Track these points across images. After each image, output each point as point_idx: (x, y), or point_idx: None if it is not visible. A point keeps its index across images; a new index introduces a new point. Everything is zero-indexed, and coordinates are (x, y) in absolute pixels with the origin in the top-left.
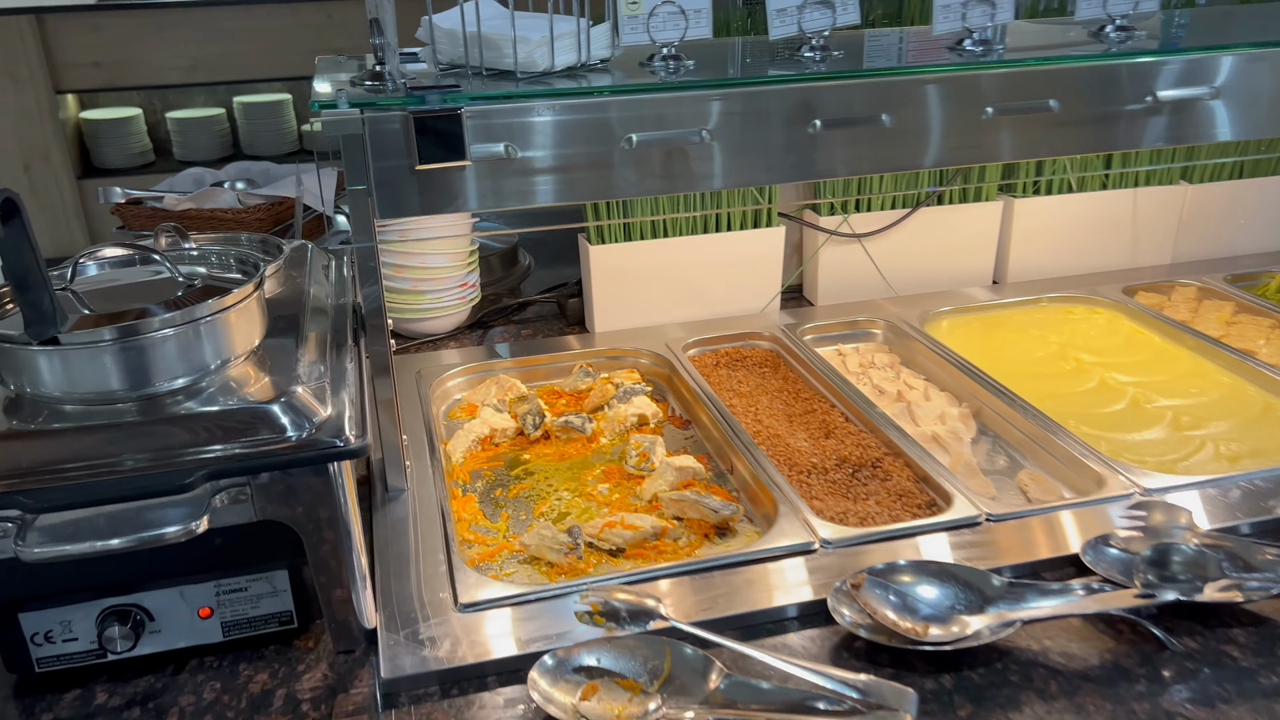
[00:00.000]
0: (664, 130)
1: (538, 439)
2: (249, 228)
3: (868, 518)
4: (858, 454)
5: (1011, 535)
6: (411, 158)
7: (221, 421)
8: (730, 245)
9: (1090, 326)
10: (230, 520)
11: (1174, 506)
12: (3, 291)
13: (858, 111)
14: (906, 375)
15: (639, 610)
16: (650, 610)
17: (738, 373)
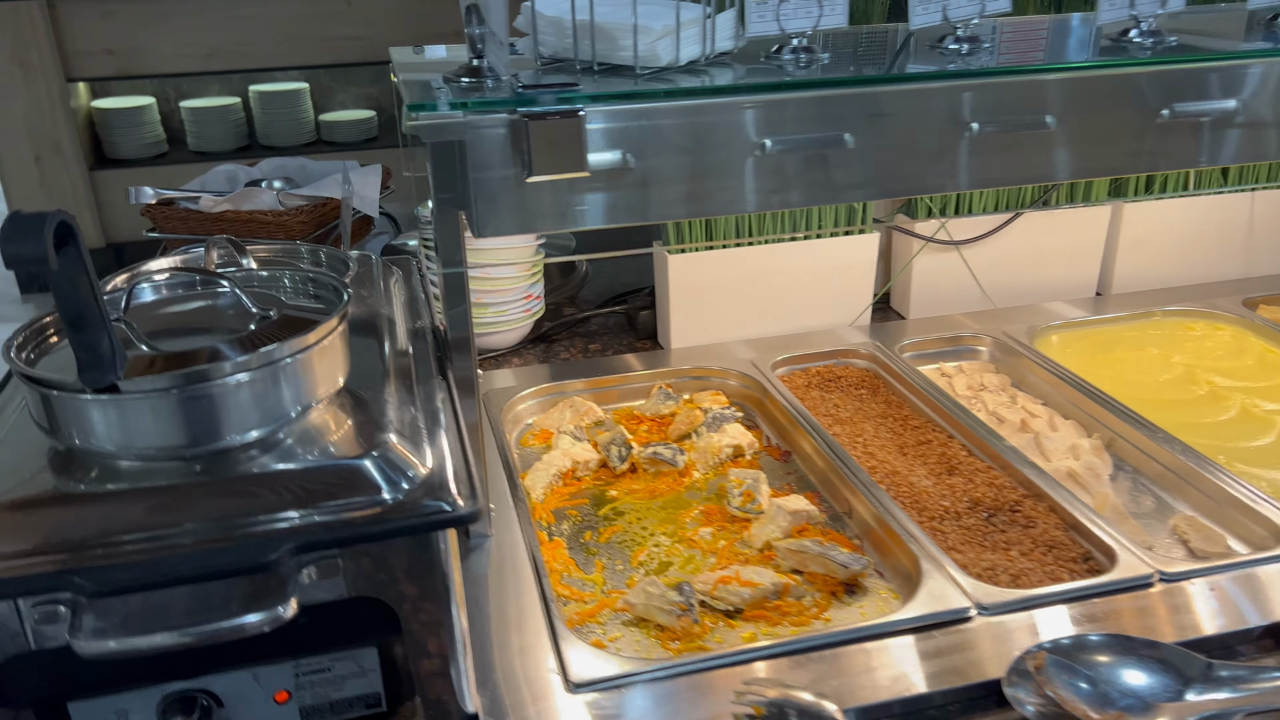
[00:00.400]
0: (803, 134)
1: (624, 472)
2: (292, 231)
3: (1020, 575)
4: (991, 495)
5: (1191, 598)
6: (520, 168)
7: (307, 482)
8: (819, 253)
9: (1215, 344)
10: (316, 598)
11: None
12: (45, 322)
13: (1020, 112)
14: (1024, 400)
15: (812, 713)
16: (827, 716)
17: (833, 395)
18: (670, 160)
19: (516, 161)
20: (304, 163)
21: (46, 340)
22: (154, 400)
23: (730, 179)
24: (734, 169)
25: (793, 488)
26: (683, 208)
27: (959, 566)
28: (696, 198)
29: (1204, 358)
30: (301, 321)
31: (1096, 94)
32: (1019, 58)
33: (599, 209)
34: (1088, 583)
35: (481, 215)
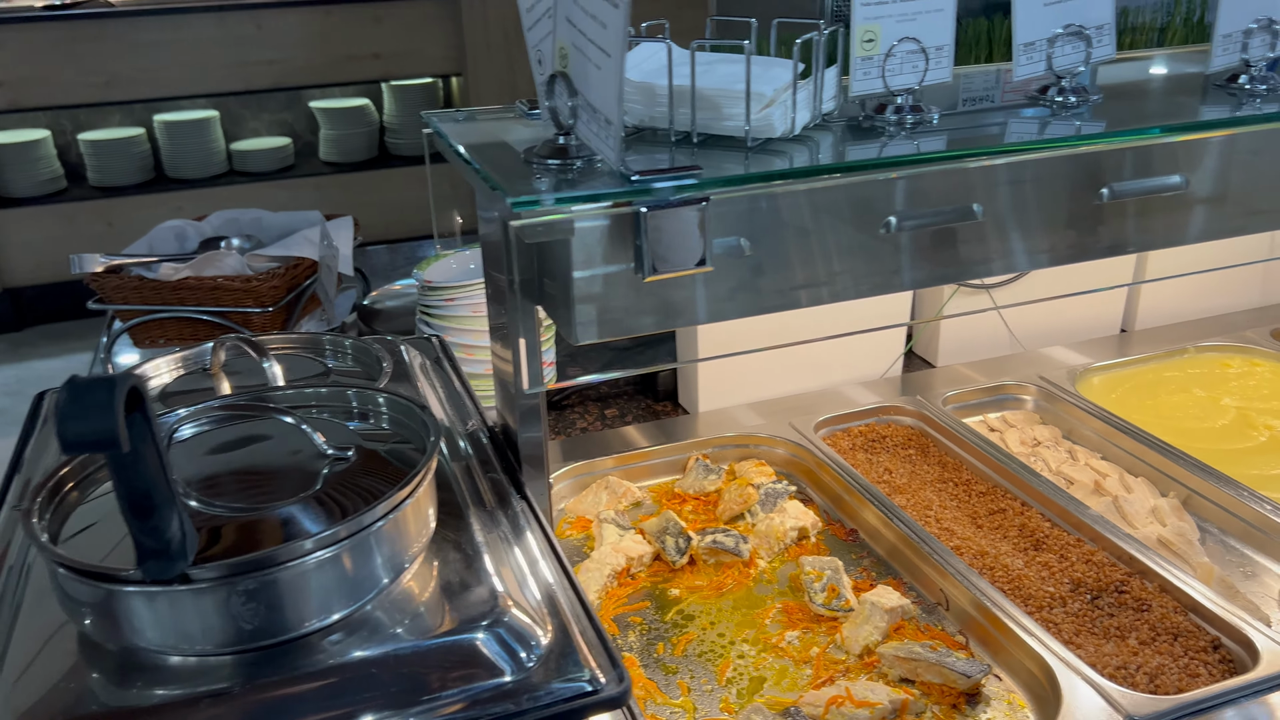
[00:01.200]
0: (931, 208)
1: (683, 566)
2: (263, 298)
3: (1157, 674)
4: (1092, 575)
5: None
6: (633, 264)
7: (418, 666)
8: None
9: (1258, 383)
10: None
11: None
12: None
13: (1152, 174)
14: (1086, 456)
15: None
16: None
17: (880, 457)
18: (788, 244)
19: (626, 258)
20: (259, 215)
21: (65, 499)
22: (233, 587)
23: (851, 261)
24: (855, 250)
25: (870, 574)
26: (800, 295)
27: (1091, 666)
28: (815, 283)
29: (1251, 398)
30: (384, 462)
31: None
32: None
33: (712, 302)
34: (1240, 683)
35: (581, 319)
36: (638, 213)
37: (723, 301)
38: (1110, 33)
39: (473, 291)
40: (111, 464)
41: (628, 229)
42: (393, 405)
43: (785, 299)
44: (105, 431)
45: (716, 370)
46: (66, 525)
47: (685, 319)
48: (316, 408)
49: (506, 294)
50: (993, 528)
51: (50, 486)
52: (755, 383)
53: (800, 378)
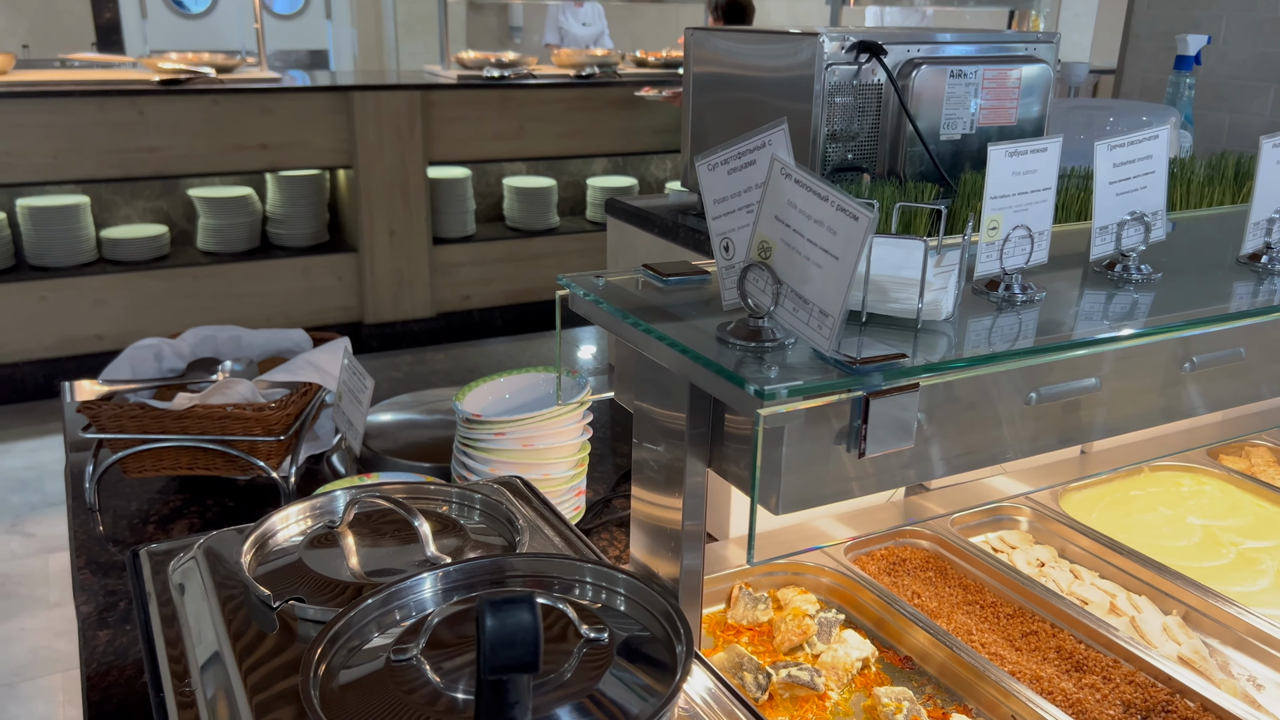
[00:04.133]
0: (1062, 383)
1: (763, 702)
2: (273, 427)
3: None
4: (1139, 696)
5: None
6: (845, 442)
7: None
8: None
9: (1209, 501)
10: None
11: None
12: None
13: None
14: (1089, 577)
15: None
16: None
17: (904, 580)
18: (954, 417)
19: (839, 437)
20: (238, 334)
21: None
22: None
23: (1000, 430)
24: (1004, 420)
25: (935, 700)
26: (959, 461)
27: None
28: (971, 450)
29: (1210, 516)
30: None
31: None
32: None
33: (891, 473)
34: None
35: (787, 492)
36: (863, 399)
37: (898, 470)
38: (1163, 218)
39: (524, 427)
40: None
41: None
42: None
43: (946, 466)
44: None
45: (741, 497)
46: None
47: (861, 490)
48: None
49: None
50: (1030, 649)
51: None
52: None
53: None
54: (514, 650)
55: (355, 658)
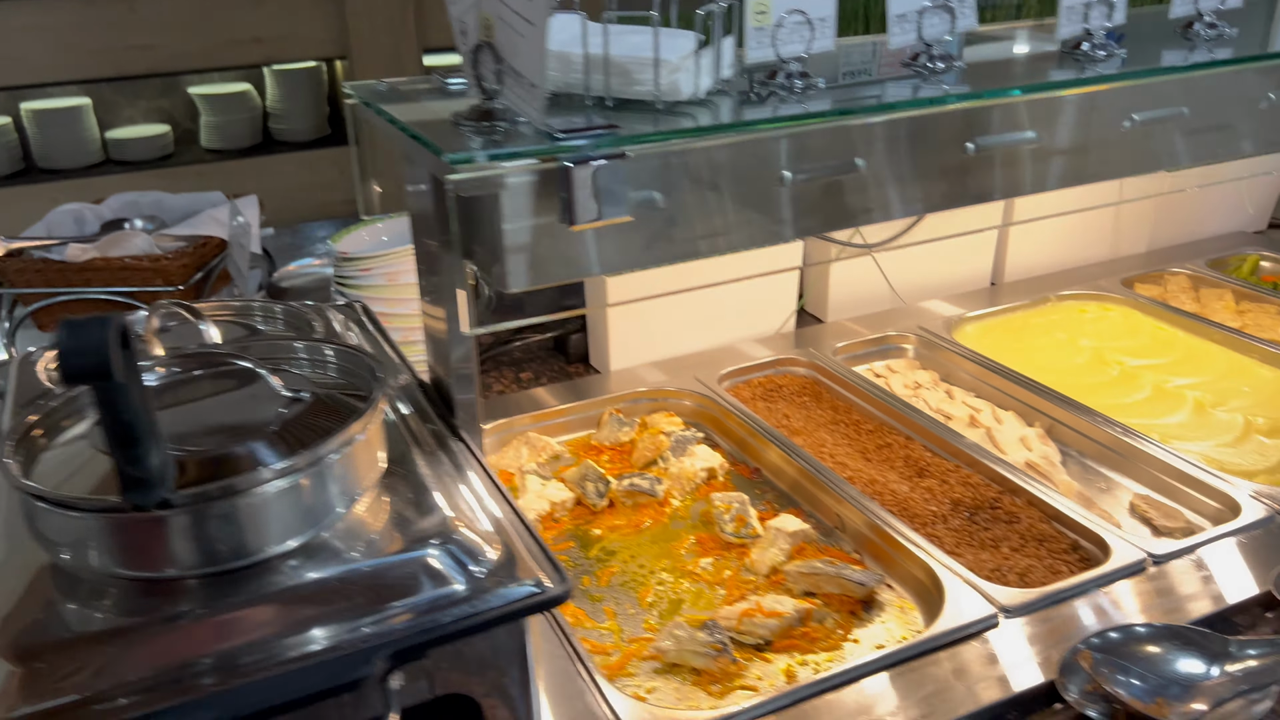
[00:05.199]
0: (820, 162)
1: (603, 509)
2: (172, 277)
3: (1026, 573)
4: (969, 494)
5: (1185, 578)
6: (557, 217)
7: (378, 583)
8: (745, 262)
9: (1110, 325)
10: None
11: None
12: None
13: (1011, 129)
14: (961, 395)
15: None
16: None
17: (779, 405)
18: (697, 197)
19: (552, 210)
20: (160, 197)
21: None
22: (205, 514)
23: (753, 212)
24: (756, 202)
25: (774, 505)
26: (709, 244)
27: (970, 570)
28: (721, 232)
29: (1105, 339)
30: (336, 405)
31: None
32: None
33: (629, 251)
34: (1093, 574)
35: (513, 269)
36: (564, 167)
37: (639, 250)
38: (972, 6)
39: (388, 261)
40: (102, 396)
41: (553, 184)
42: (340, 355)
43: (694, 248)
44: (101, 364)
45: (624, 332)
46: (42, 473)
47: (601, 267)
48: (268, 359)
49: (439, 253)
50: (881, 460)
51: (23, 432)
52: (661, 343)
53: (702, 337)
54: (84, 358)
55: (69, 422)
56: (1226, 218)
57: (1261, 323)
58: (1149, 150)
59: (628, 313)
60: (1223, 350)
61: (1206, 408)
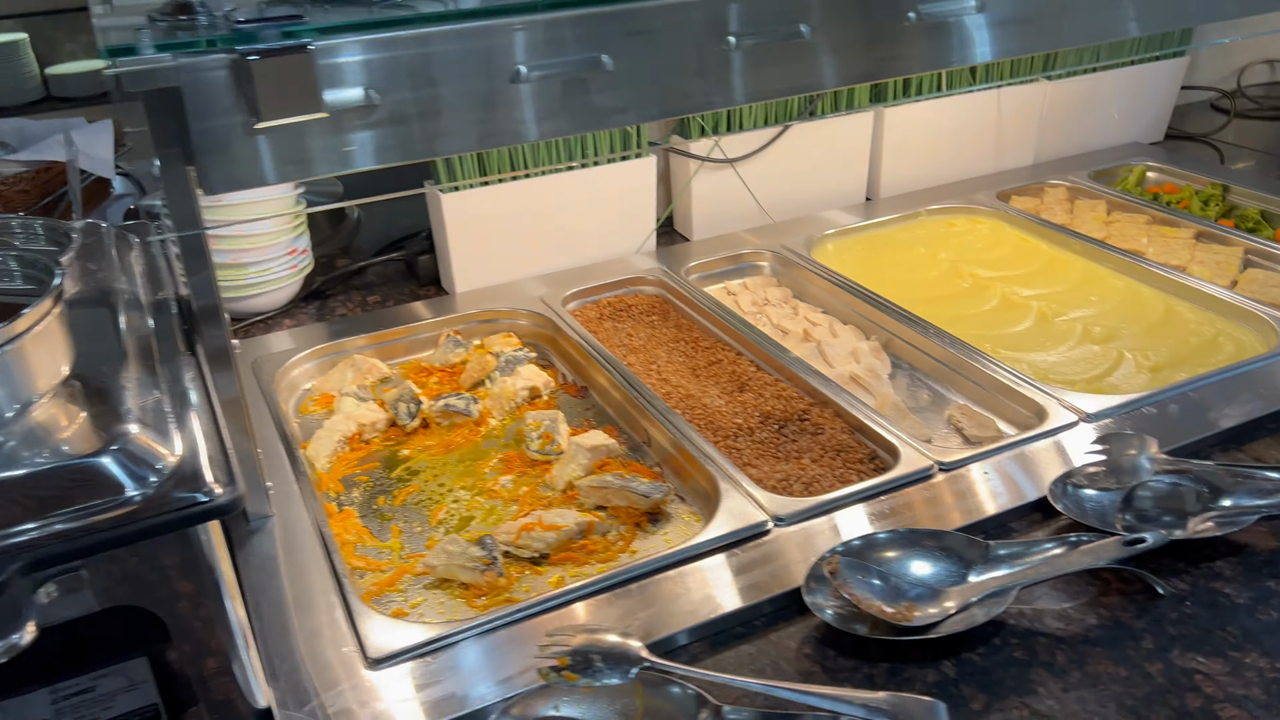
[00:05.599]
0: (560, 58)
1: (415, 430)
2: (11, 203)
3: (812, 482)
4: (781, 407)
5: (969, 484)
6: (248, 113)
7: (35, 489)
8: (599, 181)
9: (975, 238)
10: (62, 615)
11: (1136, 436)
12: None
13: (775, 23)
14: (806, 310)
15: (617, 654)
16: (632, 654)
17: (625, 324)
18: (420, 94)
19: (243, 107)
20: (22, 124)
21: None
22: None
23: (487, 110)
24: (489, 99)
25: (591, 423)
26: (440, 144)
27: (754, 481)
28: (453, 133)
29: (966, 252)
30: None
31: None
32: None
33: (345, 152)
34: (874, 482)
35: (210, 170)
36: (242, 61)
37: (355, 151)
38: None
39: None
40: None
41: (243, 78)
42: (24, 261)
43: (420, 148)
44: None
45: (468, 254)
46: None
47: (313, 168)
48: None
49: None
50: (709, 376)
51: None
52: (513, 264)
53: (558, 258)
54: None
55: None
56: (1121, 129)
57: (1127, 233)
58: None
59: (470, 233)
60: (1081, 261)
61: (1049, 318)
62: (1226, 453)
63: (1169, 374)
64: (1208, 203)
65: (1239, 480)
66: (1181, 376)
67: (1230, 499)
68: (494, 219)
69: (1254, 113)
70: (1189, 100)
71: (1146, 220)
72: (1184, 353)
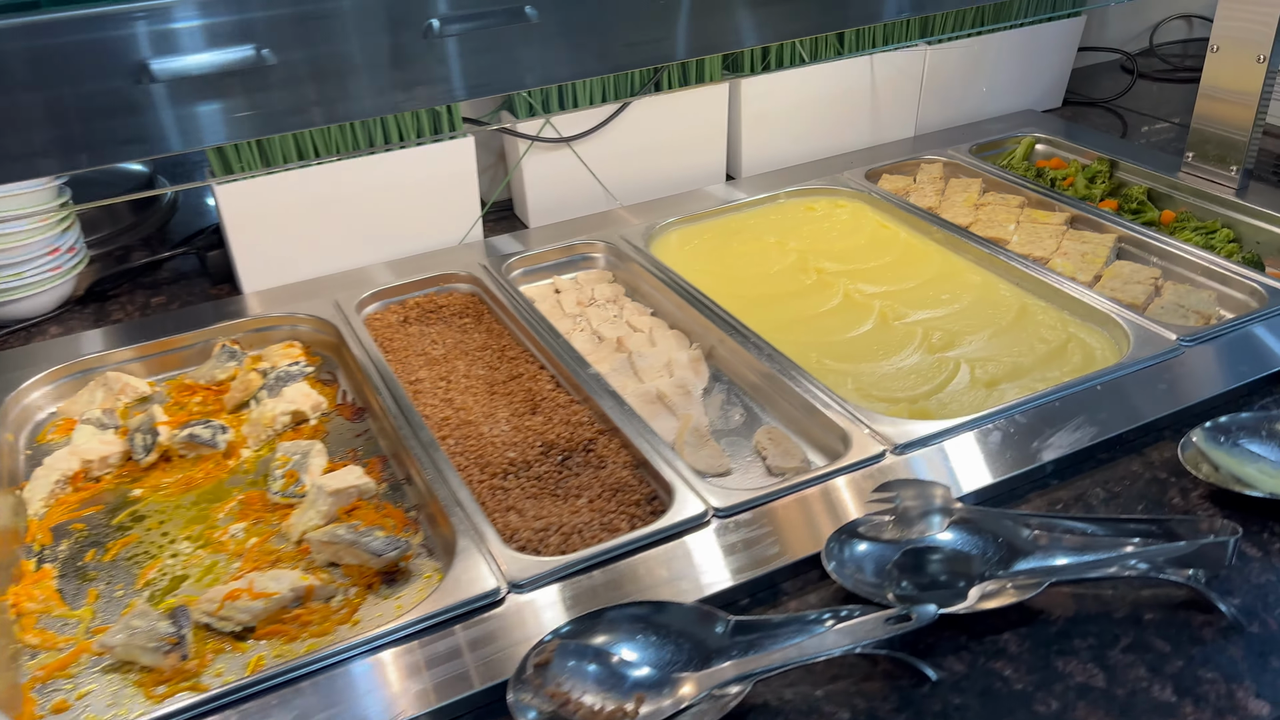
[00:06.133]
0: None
1: (154, 464)
2: None
3: (574, 533)
4: (567, 436)
5: (743, 537)
6: None
7: None
8: (408, 165)
9: (833, 225)
10: None
11: (928, 484)
12: None
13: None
14: (632, 313)
15: None
16: None
17: (433, 329)
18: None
19: None
20: None
21: None
22: None
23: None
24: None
25: (359, 454)
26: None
27: (504, 534)
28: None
29: (818, 241)
30: None
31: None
32: None
33: None
34: (632, 536)
35: None
36: None
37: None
38: None
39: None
40: None
41: None
42: None
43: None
44: None
45: (255, 247)
46: None
47: None
48: None
49: None
50: (504, 394)
51: None
52: (312, 261)
53: (368, 252)
54: None
55: None
56: (1013, 96)
57: (995, 218)
58: None
59: (262, 225)
60: (940, 252)
61: (889, 321)
62: (1047, 490)
63: (1004, 390)
64: (1094, 179)
65: (1040, 535)
66: (1015, 395)
67: (1026, 561)
68: (283, 211)
69: (1165, 74)
70: (1097, 61)
71: (1020, 203)
72: (1028, 363)
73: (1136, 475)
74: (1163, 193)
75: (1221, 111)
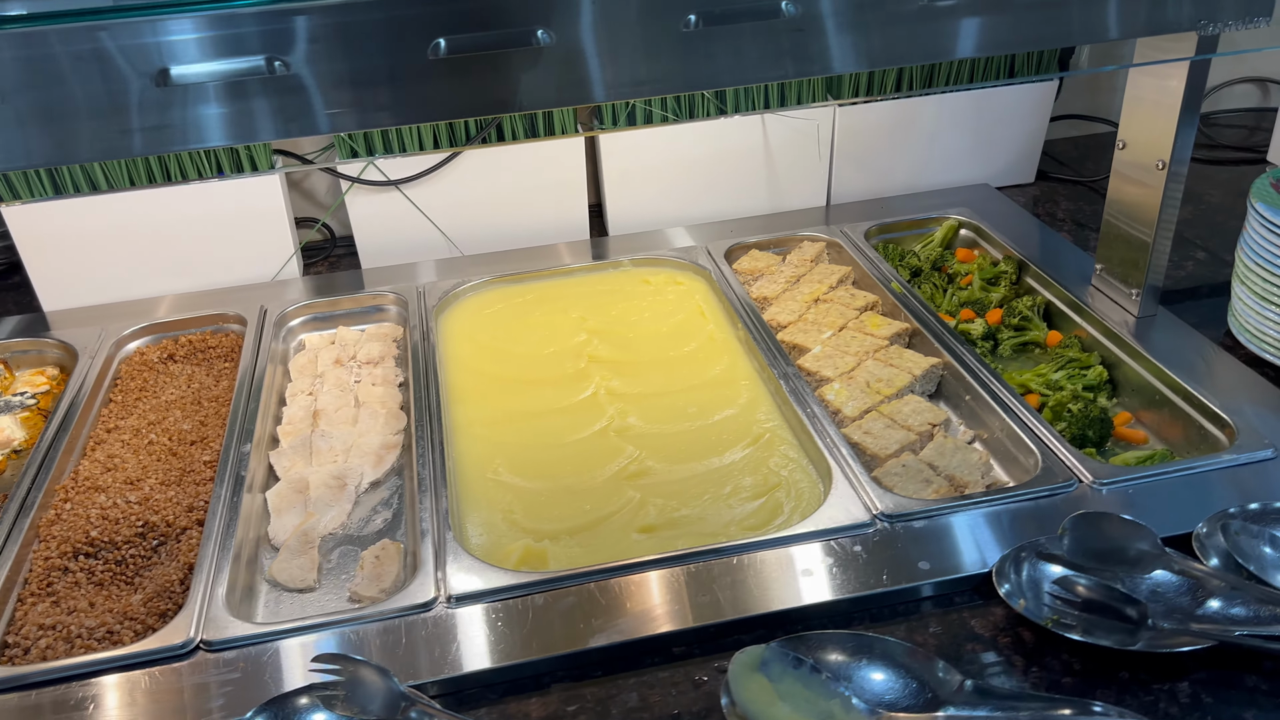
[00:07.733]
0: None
1: None
2: None
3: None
4: (167, 518)
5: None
6: None
7: None
8: (214, 199)
9: (655, 303)
10: None
11: (371, 667)
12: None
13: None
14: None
15: None
16: None
17: (191, 369)
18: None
19: None
20: None
21: None
22: None
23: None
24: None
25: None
26: None
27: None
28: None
29: (618, 323)
30: None
31: None
32: None
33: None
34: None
35: None
36: None
37: None
38: None
39: None
40: None
41: None
42: None
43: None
44: None
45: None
46: None
47: None
48: None
49: None
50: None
51: None
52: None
53: (171, 282)
54: None
55: None
56: (975, 165)
57: (822, 320)
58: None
59: (60, 246)
60: (735, 353)
61: (611, 434)
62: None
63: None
64: (996, 281)
65: None
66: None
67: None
68: (83, 235)
69: (1202, 146)
70: (1093, 132)
71: (865, 304)
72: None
73: None
74: (1063, 310)
75: (1125, 223)
